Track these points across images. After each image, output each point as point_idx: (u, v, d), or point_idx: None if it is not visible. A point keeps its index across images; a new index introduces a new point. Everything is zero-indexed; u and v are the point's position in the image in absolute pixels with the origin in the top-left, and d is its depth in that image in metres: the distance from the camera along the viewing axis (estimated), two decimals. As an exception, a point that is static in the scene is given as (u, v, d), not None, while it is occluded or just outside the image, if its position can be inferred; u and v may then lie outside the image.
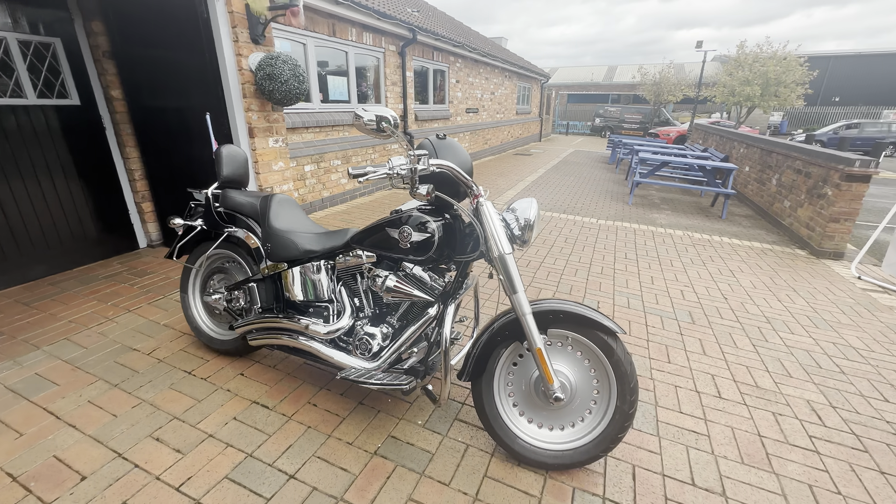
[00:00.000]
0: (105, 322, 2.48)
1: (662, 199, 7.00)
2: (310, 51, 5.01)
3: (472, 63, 9.66)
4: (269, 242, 1.86)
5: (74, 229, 3.19)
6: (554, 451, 1.57)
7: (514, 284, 1.46)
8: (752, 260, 4.12)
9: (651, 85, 20.24)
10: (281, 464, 1.57)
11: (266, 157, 3.22)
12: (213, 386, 1.97)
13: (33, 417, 1.75)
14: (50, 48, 2.92)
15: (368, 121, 1.29)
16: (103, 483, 1.46)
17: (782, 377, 2.24)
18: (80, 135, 3.13)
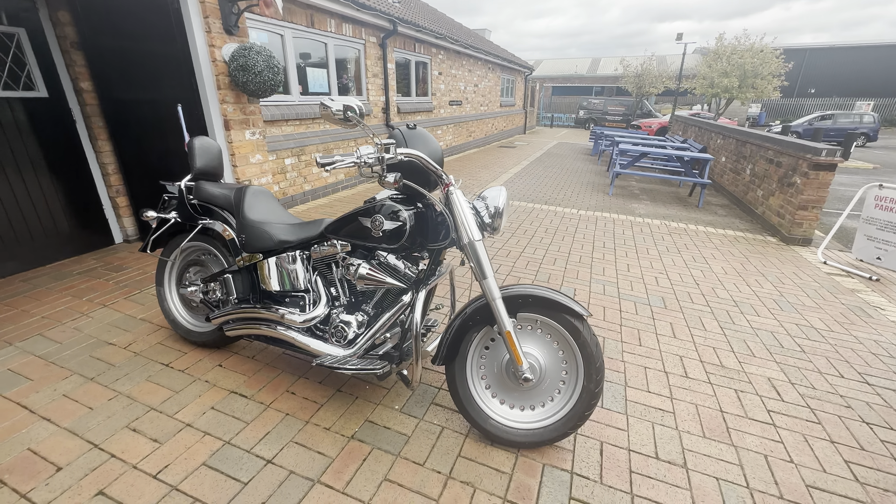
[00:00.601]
0: (80, 317, 2.45)
1: (642, 189, 7.14)
2: (288, 42, 4.94)
3: (455, 55, 9.64)
4: (244, 234, 1.87)
5: (46, 225, 3.13)
6: (525, 430, 1.63)
7: (483, 270, 1.50)
8: (724, 247, 4.25)
9: (633, 77, 20.46)
10: (259, 450, 1.59)
11: (243, 150, 3.19)
12: (191, 377, 1.98)
13: (6, 412, 1.74)
14: (14, 38, 2.84)
15: (336, 110, 1.30)
16: (79, 473, 1.47)
17: (746, 357, 2.35)
18: (48, 128, 3.06)
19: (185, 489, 1.42)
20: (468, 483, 1.49)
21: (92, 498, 1.38)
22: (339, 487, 1.46)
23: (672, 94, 22.96)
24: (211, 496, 1.40)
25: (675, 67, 23.50)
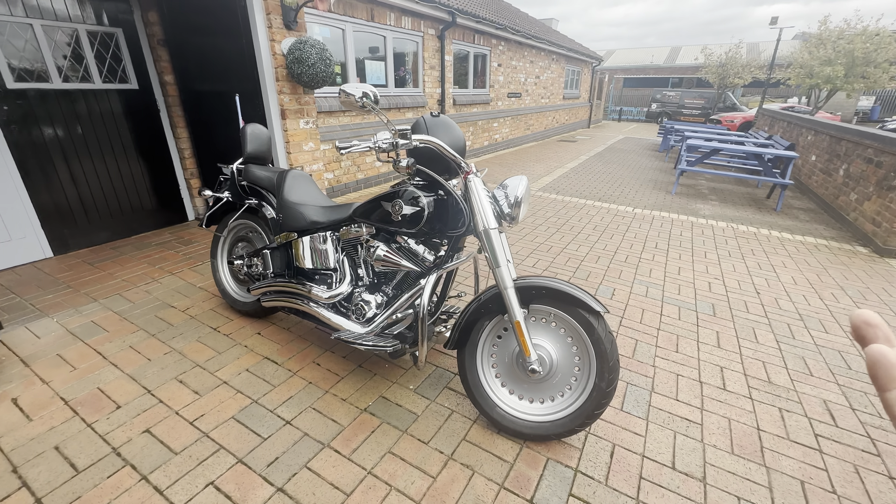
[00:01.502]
0: (151, 282, 2.80)
1: (712, 189, 6.57)
2: (348, 36, 5.16)
3: (517, 46, 9.45)
4: (282, 213, 2.02)
5: (133, 202, 3.59)
6: (532, 421, 1.62)
7: (496, 258, 1.50)
8: (800, 255, 3.81)
9: (716, 67, 18.70)
10: (280, 411, 1.74)
11: (297, 138, 3.42)
12: (233, 341, 2.19)
13: (86, 356, 2.05)
14: (113, 38, 3.27)
15: (357, 97, 1.37)
16: (133, 412, 1.71)
17: (802, 375, 2.12)
18: (138, 116, 3.49)
19: (214, 437, 1.60)
20: (468, 466, 1.52)
21: (140, 434, 1.60)
22: (345, 453, 1.55)
23: (761, 85, 20.68)
24: (234, 445, 1.56)
25: (768, 55, 21.14)
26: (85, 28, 3.10)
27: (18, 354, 2.05)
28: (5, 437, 1.58)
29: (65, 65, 3.05)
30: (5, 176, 2.88)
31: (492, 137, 9.12)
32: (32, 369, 1.95)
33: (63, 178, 3.15)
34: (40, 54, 2.92)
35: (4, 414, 1.68)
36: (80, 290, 2.68)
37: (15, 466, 1.46)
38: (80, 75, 3.13)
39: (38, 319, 2.34)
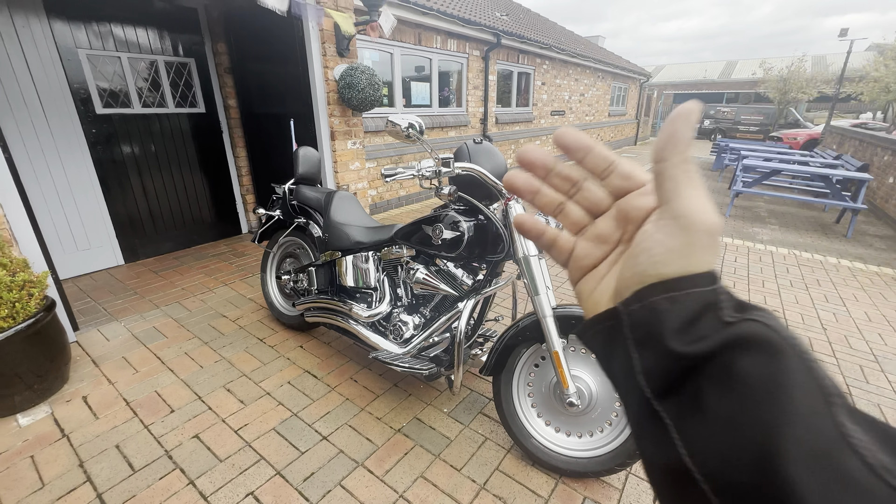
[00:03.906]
0: (207, 292, 2.99)
1: (771, 211, 6.16)
2: (396, 59, 5.38)
3: (561, 64, 9.43)
4: (328, 233, 2.11)
5: (195, 215, 3.88)
6: (568, 456, 1.56)
7: (536, 286, 1.48)
8: (874, 288, 3.47)
9: (776, 81, 17.67)
10: (318, 426, 1.79)
11: (344, 158, 3.57)
12: (277, 353, 2.29)
13: (147, 360, 2.22)
14: (186, 67, 3.60)
15: (403, 128, 1.42)
16: (185, 417, 1.82)
17: (877, 425, 1.90)
18: (203, 137, 3.80)
19: (256, 447, 1.67)
20: (500, 498, 1.48)
21: (190, 439, 1.70)
22: (378, 474, 1.56)
23: (828, 100, 19.29)
24: (274, 457, 1.62)
25: (836, 69, 19.74)
26: (163, 59, 3.44)
27: (90, 355, 2.25)
28: (75, 432, 1.73)
29: (144, 91, 3.39)
30: (89, 191, 3.22)
31: (534, 155, 9.06)
32: (101, 370, 2.13)
33: (136, 193, 3.47)
34: (125, 83, 3.27)
35: (76, 411, 1.84)
36: (145, 296, 2.91)
37: (82, 461, 1.59)
38: (157, 101, 3.46)
39: (108, 323, 2.57)
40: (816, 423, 0.18)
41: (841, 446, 0.18)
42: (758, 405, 0.19)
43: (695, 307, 0.22)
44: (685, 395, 0.21)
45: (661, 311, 0.23)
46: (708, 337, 0.21)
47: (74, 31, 2.98)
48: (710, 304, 0.22)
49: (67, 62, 2.97)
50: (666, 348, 0.22)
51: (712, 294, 0.23)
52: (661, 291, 0.23)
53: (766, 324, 0.21)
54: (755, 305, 0.22)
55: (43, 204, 2.99)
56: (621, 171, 0.28)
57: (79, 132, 3.10)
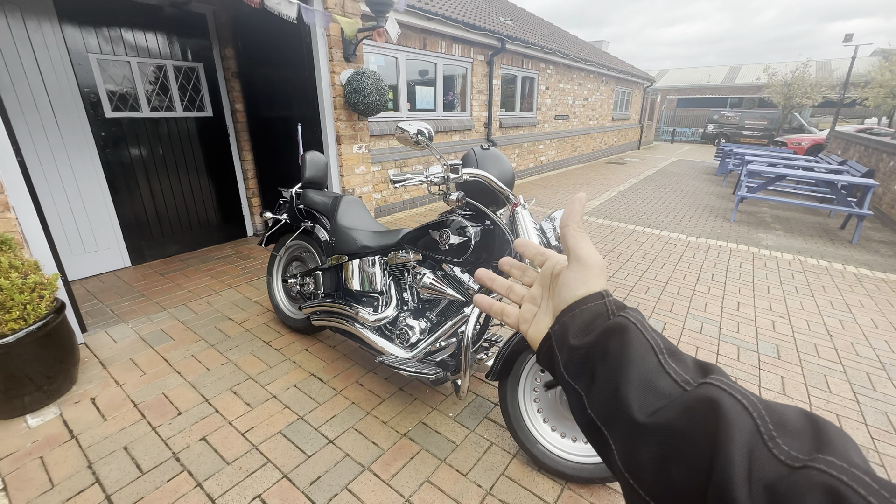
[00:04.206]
0: (213, 294, 3.01)
1: (776, 217, 6.14)
2: (401, 64, 5.41)
3: (565, 69, 9.45)
4: (335, 237, 2.13)
5: (201, 217, 3.91)
6: (575, 462, 1.56)
7: (542, 291, 1.49)
8: (881, 295, 3.46)
9: (780, 86, 17.64)
10: (324, 429, 1.79)
11: (350, 162, 3.59)
12: (283, 356, 2.30)
13: (154, 362, 2.23)
14: (194, 71, 3.63)
15: (412, 134, 1.44)
16: (192, 419, 1.83)
17: (885, 434, 1.90)
18: (210, 140, 3.83)
19: (263, 450, 1.67)
20: (506, 503, 1.48)
21: (197, 441, 1.71)
22: (385, 478, 1.57)
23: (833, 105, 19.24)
24: (280, 460, 1.63)
25: (840, 74, 19.70)
26: (172, 63, 3.48)
27: (98, 357, 2.27)
28: (84, 433, 1.74)
29: (153, 95, 3.42)
30: (98, 193, 3.25)
31: (537, 159, 9.09)
32: (109, 371, 2.15)
33: (144, 195, 3.50)
34: (134, 87, 3.31)
35: (84, 412, 1.86)
36: (152, 298, 2.94)
37: (90, 462, 1.60)
38: (165, 105, 3.50)
39: (116, 325, 2.59)
40: (644, 363, 0.30)
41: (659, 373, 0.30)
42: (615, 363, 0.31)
43: (587, 316, 0.35)
44: (587, 374, 0.33)
45: (567, 324, 0.36)
46: (594, 332, 0.34)
47: (85, 35, 3.02)
48: (599, 313, 0.35)
49: (78, 66, 3.01)
50: (569, 344, 0.35)
51: (602, 306, 0.35)
52: (567, 312, 0.37)
53: (624, 316, 0.34)
54: (627, 306, 0.35)
55: (52, 206, 3.03)
56: (541, 252, 0.45)
57: (88, 135, 3.14)
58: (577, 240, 0.39)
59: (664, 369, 0.30)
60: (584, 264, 0.38)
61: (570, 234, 0.39)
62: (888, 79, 13.28)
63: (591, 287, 0.37)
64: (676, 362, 0.31)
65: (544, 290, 0.42)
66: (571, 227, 0.39)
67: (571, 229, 0.39)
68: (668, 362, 0.30)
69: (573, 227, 0.39)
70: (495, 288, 0.47)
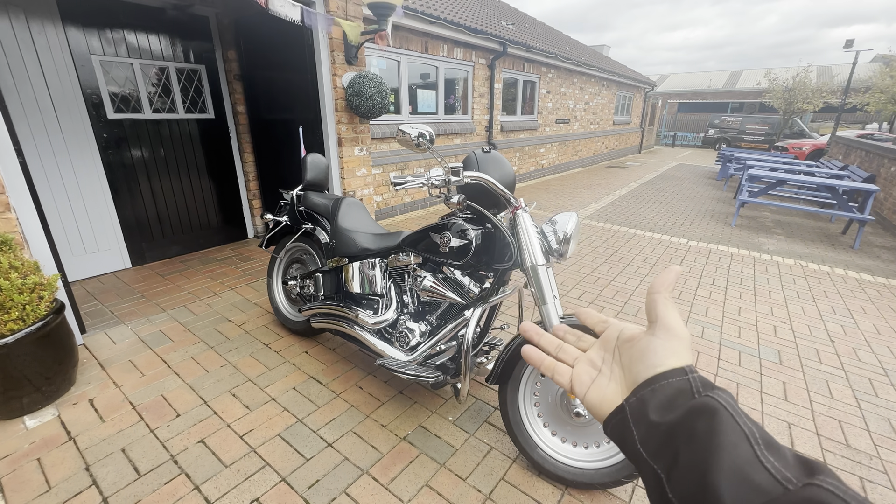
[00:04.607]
0: (213, 296, 3.01)
1: (777, 222, 6.13)
2: (403, 67, 5.43)
3: (566, 73, 9.48)
4: (335, 239, 2.13)
5: (202, 219, 3.91)
6: (575, 467, 1.55)
7: (543, 295, 1.48)
8: (883, 300, 3.44)
9: (781, 91, 17.67)
10: (323, 432, 1.78)
11: (351, 164, 3.60)
12: (283, 359, 2.30)
13: (153, 363, 2.23)
14: (197, 73, 3.65)
15: (413, 137, 1.44)
16: (190, 421, 1.82)
17: (887, 440, 1.88)
18: (211, 142, 3.84)
19: (261, 453, 1.66)
20: (506, 509, 1.47)
21: (195, 444, 1.70)
22: (383, 482, 1.56)
23: (834, 110, 19.27)
24: (279, 463, 1.62)
25: (841, 80, 19.74)
26: (174, 65, 3.49)
27: (97, 358, 2.26)
28: (81, 435, 1.73)
29: (155, 97, 3.43)
30: (99, 194, 3.25)
31: (538, 163, 9.10)
32: (108, 373, 2.14)
33: (145, 197, 3.50)
34: (136, 88, 3.32)
35: (82, 414, 1.85)
36: (152, 300, 2.93)
37: (88, 464, 1.59)
38: (167, 106, 3.51)
39: (115, 326, 2.58)
40: (737, 452, 0.28)
41: (755, 465, 0.28)
42: (703, 448, 0.29)
43: (669, 392, 0.34)
44: (668, 453, 0.32)
45: (646, 398, 0.35)
46: (678, 410, 0.32)
47: (88, 37, 3.03)
48: (682, 389, 0.33)
49: (81, 68, 3.02)
50: (649, 420, 0.34)
51: (685, 382, 0.34)
52: (647, 385, 0.35)
53: (713, 397, 0.32)
54: (716, 386, 0.33)
55: (53, 207, 3.03)
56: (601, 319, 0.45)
57: (90, 136, 3.14)
58: (666, 308, 0.38)
59: (760, 462, 0.28)
60: (671, 334, 0.37)
61: (659, 301, 0.39)
62: (889, 84, 13.29)
63: (677, 359, 0.35)
64: (774, 455, 0.28)
65: (608, 355, 0.41)
66: (662, 295, 0.39)
67: (662, 296, 0.39)
68: (765, 454, 0.28)
69: (664, 295, 0.39)
70: (542, 344, 0.46)
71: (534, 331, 0.47)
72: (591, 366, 0.42)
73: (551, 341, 0.46)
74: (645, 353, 0.37)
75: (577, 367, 0.42)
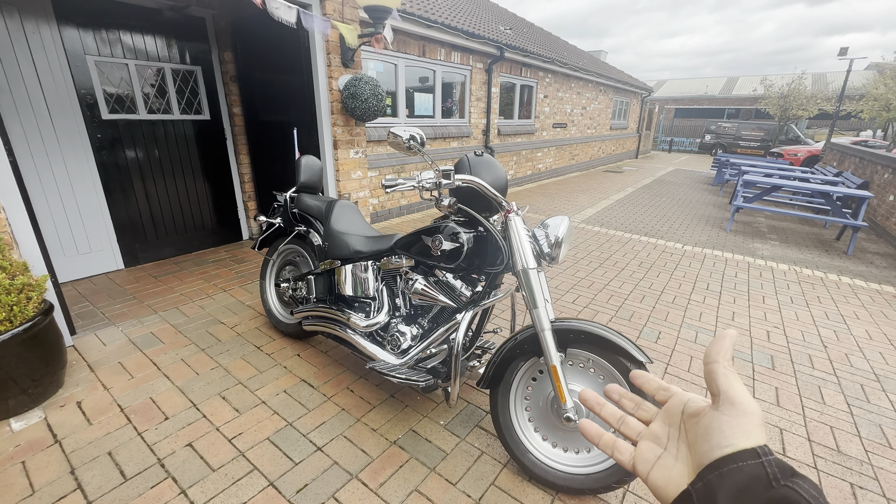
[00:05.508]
0: (205, 298, 2.99)
1: (772, 227, 6.16)
2: (400, 70, 5.44)
3: (563, 78, 9.53)
4: (328, 241, 2.12)
5: (196, 220, 3.90)
6: (565, 472, 1.54)
7: (534, 299, 1.48)
8: (875, 306, 3.46)
9: (777, 98, 17.82)
10: (313, 436, 1.77)
11: (346, 167, 3.59)
12: (274, 361, 2.28)
13: (143, 365, 2.21)
14: (193, 74, 3.64)
15: (404, 140, 1.43)
16: (179, 425, 1.80)
17: (879, 447, 1.88)
18: (207, 143, 3.83)
19: (250, 457, 1.65)
20: (495, 514, 1.46)
21: (183, 447, 1.68)
22: (373, 487, 1.54)
23: (829, 117, 19.44)
24: (267, 468, 1.60)
25: (836, 87, 19.92)
26: (170, 66, 3.48)
27: (86, 360, 2.24)
28: (68, 438, 1.71)
29: (150, 98, 3.42)
30: (92, 195, 3.23)
31: (535, 167, 9.13)
32: (97, 375, 2.12)
33: (139, 197, 3.49)
34: (131, 89, 3.31)
35: (69, 416, 1.83)
36: (144, 301, 2.91)
37: (73, 468, 1.57)
38: (163, 107, 3.50)
39: (106, 328, 2.56)
40: None
41: None
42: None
43: (741, 479, 0.30)
44: None
45: (714, 484, 0.31)
46: (753, 502, 0.28)
47: (83, 37, 3.02)
48: (757, 476, 0.29)
49: (75, 68, 3.01)
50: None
51: (759, 468, 0.30)
52: (714, 468, 0.31)
53: (793, 488, 0.28)
54: (795, 471, 0.29)
55: (45, 207, 3.01)
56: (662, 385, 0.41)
57: (84, 137, 3.13)
58: (728, 379, 0.34)
59: None
60: (738, 410, 0.33)
61: (720, 373, 0.35)
62: (882, 92, 13.43)
63: (748, 439, 0.31)
64: None
65: (672, 430, 0.38)
66: (721, 365, 0.35)
67: (721, 367, 0.35)
68: None
69: (723, 365, 0.35)
70: (603, 416, 0.43)
71: (594, 400, 0.43)
72: (654, 442, 0.38)
73: (613, 413, 0.42)
74: (710, 431, 0.33)
75: (641, 445, 0.39)
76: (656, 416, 0.40)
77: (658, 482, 0.36)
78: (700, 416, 0.35)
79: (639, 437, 0.40)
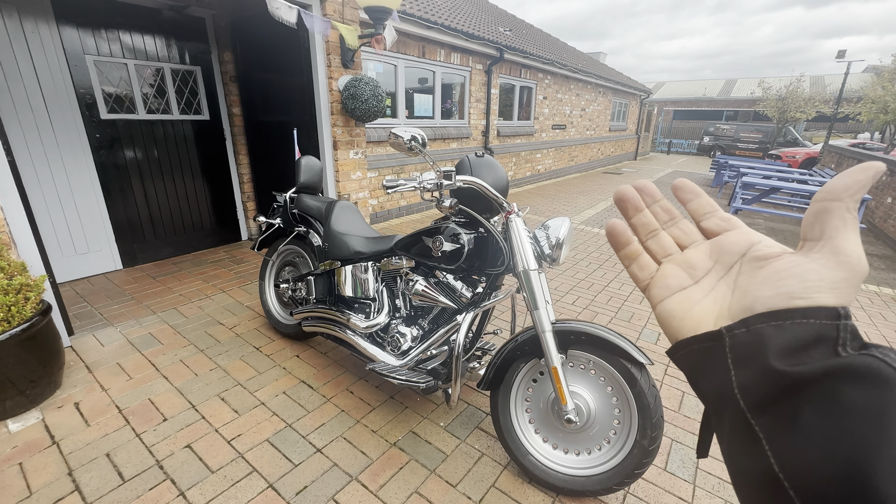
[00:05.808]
0: (204, 299, 2.98)
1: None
2: (400, 71, 5.44)
3: (563, 79, 9.54)
4: (328, 242, 2.11)
5: (195, 221, 3.88)
6: (566, 474, 1.53)
7: (535, 300, 1.48)
8: (874, 308, 3.46)
9: (775, 100, 17.89)
10: (312, 438, 1.76)
11: (346, 167, 3.59)
12: (273, 362, 2.27)
13: (142, 366, 2.20)
14: (192, 74, 3.63)
15: (406, 140, 1.43)
16: (178, 426, 1.79)
17: (878, 448, 1.88)
18: (206, 143, 3.82)
19: (249, 458, 1.64)
20: (496, 516, 1.46)
21: (182, 449, 1.67)
22: (372, 489, 1.54)
23: (827, 119, 19.51)
24: (266, 469, 1.59)
25: (834, 89, 20.02)
26: (169, 66, 3.48)
27: (84, 360, 2.23)
28: (65, 439, 1.70)
29: (150, 98, 3.41)
30: (90, 195, 3.22)
31: (534, 168, 9.13)
32: (95, 376, 2.11)
33: (137, 198, 3.48)
34: (130, 89, 3.30)
35: (67, 418, 1.82)
36: (143, 302, 2.90)
37: (71, 469, 1.56)
38: (162, 107, 3.49)
39: (104, 328, 2.55)
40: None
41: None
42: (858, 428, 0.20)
43: (804, 335, 0.24)
44: (781, 412, 0.23)
45: (766, 335, 0.25)
46: (815, 362, 0.23)
47: (83, 37, 3.01)
48: (825, 336, 0.23)
49: (74, 67, 3.00)
50: (768, 366, 0.24)
51: (832, 329, 0.23)
52: (772, 317, 0.25)
53: (881, 358, 0.21)
54: (880, 346, 0.22)
55: (43, 207, 3.00)
56: (721, 215, 0.33)
57: (82, 136, 3.12)
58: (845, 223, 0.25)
59: None
60: (840, 261, 0.25)
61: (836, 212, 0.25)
62: (880, 94, 13.49)
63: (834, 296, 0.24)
64: None
65: (719, 268, 0.31)
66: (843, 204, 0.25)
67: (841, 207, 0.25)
68: None
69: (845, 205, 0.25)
70: (634, 222, 0.35)
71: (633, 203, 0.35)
72: (686, 271, 0.32)
73: (647, 224, 0.35)
74: (783, 277, 0.26)
75: (666, 268, 0.33)
76: (698, 245, 0.33)
77: (673, 311, 0.31)
78: (773, 259, 0.28)
79: (666, 260, 0.34)
